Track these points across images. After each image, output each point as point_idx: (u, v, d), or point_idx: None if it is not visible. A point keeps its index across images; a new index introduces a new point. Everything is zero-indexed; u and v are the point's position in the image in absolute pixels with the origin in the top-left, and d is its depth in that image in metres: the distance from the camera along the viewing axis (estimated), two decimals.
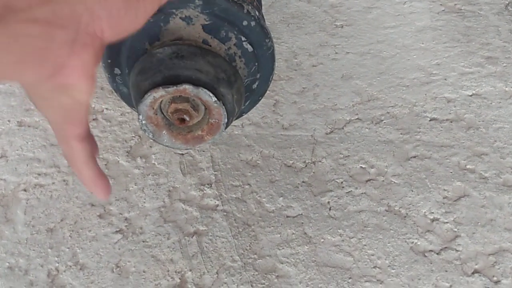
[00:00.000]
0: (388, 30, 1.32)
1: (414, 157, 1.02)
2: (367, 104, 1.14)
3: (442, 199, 0.95)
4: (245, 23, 0.72)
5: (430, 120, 1.09)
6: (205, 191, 0.98)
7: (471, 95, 1.13)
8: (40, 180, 1.02)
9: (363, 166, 1.02)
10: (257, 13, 0.73)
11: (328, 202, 0.96)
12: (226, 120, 0.69)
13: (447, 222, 0.91)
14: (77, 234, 0.94)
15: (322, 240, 0.90)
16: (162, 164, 1.03)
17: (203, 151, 1.06)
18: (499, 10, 1.36)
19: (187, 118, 0.68)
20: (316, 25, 1.37)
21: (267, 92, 1.21)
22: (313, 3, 1.43)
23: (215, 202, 0.96)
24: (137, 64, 0.69)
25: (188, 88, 0.65)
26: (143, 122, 0.68)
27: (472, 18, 1.34)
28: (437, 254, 0.87)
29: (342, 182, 0.99)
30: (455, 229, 0.90)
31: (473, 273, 0.85)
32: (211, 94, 0.66)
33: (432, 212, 0.93)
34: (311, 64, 1.26)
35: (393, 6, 1.39)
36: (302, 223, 0.93)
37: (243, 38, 0.73)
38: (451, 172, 0.99)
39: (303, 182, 1.00)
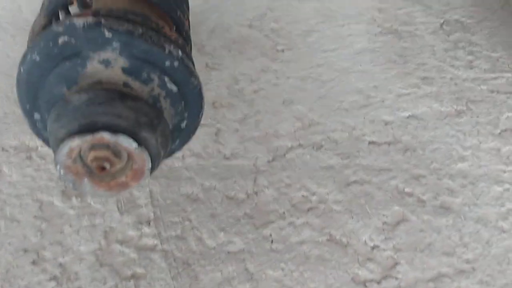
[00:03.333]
0: (327, 53, 1.33)
1: (354, 182, 1.03)
2: (308, 130, 1.14)
3: (382, 225, 0.95)
4: (167, 63, 0.70)
5: (369, 144, 1.10)
6: (143, 230, 0.95)
7: (407, 117, 1.15)
8: None
9: (305, 194, 1.01)
10: (180, 52, 0.71)
11: (270, 235, 0.95)
12: (150, 165, 0.67)
13: (386, 249, 0.91)
14: (8, 284, 0.89)
15: (264, 275, 0.89)
16: (98, 203, 1.00)
17: (142, 186, 1.03)
18: (434, 29, 1.40)
19: (108, 166, 0.65)
20: (258, 50, 1.36)
21: (209, 120, 1.20)
22: (254, 27, 1.43)
23: (154, 242, 0.93)
24: (53, 110, 0.66)
25: (105, 135, 0.62)
26: (61, 172, 0.65)
27: (408, 38, 1.37)
28: (378, 283, 0.87)
29: (284, 212, 0.98)
30: (395, 256, 0.90)
31: None
32: (131, 140, 0.64)
33: (372, 239, 0.93)
34: (253, 90, 1.25)
35: (332, 28, 1.40)
36: (244, 258, 0.91)
37: (166, 79, 0.71)
38: (390, 197, 0.99)
39: (245, 214, 0.98)
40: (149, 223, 0.96)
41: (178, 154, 1.10)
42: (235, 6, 1.47)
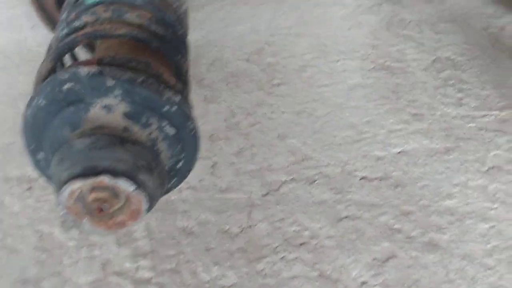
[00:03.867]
0: (322, 89, 1.37)
1: (346, 217, 1.06)
2: (301, 164, 1.18)
3: (372, 260, 0.98)
4: (165, 108, 0.74)
5: (360, 179, 1.13)
6: (139, 263, 0.98)
7: (399, 153, 1.19)
8: None
9: (297, 228, 1.04)
10: (178, 98, 0.75)
11: (263, 269, 0.98)
12: (146, 206, 0.70)
13: (376, 285, 0.94)
14: None
15: None
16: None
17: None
18: (426, 66, 1.45)
19: (107, 207, 0.69)
20: (254, 83, 1.41)
21: (205, 153, 1.23)
22: (251, 61, 1.48)
23: (150, 275, 0.96)
24: (57, 154, 0.70)
25: (105, 179, 0.66)
26: (63, 212, 0.69)
27: (400, 75, 1.41)
28: None
29: (277, 247, 1.01)
30: None
31: None
32: (129, 183, 0.67)
33: (362, 275, 0.96)
34: (249, 123, 1.29)
35: (327, 64, 1.45)
36: None
37: (164, 123, 0.75)
38: (380, 232, 1.02)
39: (238, 248, 1.01)
40: (145, 256, 0.99)
41: None
42: (234, 41, 1.52)
